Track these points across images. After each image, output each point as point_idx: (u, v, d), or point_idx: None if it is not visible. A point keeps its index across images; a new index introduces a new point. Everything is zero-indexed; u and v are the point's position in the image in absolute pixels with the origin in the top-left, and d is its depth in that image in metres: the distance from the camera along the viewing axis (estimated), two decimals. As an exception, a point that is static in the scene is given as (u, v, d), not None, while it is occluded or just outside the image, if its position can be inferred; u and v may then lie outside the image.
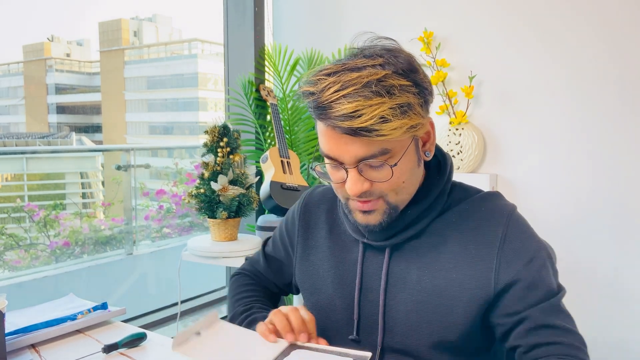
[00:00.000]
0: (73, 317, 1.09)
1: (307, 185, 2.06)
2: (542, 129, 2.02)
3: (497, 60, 2.09)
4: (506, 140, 2.09)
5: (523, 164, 2.06)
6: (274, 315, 0.83)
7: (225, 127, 1.85)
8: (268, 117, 2.39)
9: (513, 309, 0.80)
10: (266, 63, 2.44)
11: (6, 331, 0.94)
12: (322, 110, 0.75)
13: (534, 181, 2.04)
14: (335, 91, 0.74)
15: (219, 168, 1.79)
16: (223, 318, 0.89)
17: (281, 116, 2.29)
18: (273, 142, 2.31)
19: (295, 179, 2.04)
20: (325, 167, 0.84)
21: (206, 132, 1.85)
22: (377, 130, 0.73)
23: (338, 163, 0.79)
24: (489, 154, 2.12)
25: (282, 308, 0.85)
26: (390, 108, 0.73)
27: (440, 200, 0.86)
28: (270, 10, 2.57)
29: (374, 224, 0.83)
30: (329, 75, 0.76)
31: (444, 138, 2.12)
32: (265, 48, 2.46)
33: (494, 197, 0.89)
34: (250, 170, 1.90)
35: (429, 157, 0.85)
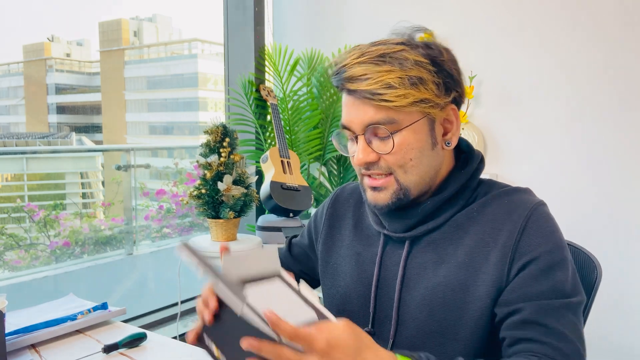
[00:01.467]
0: (73, 317, 1.09)
1: (307, 185, 2.06)
2: (542, 129, 2.02)
3: (497, 61, 2.09)
4: (506, 140, 2.09)
5: (523, 164, 2.06)
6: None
7: (224, 127, 1.85)
8: (268, 117, 2.39)
9: (510, 296, 0.78)
10: (266, 63, 2.44)
11: (6, 331, 0.94)
12: (338, 75, 0.80)
13: (534, 181, 2.04)
14: (353, 59, 0.79)
15: (222, 168, 1.79)
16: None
17: (281, 116, 2.29)
18: (273, 142, 2.31)
19: (296, 179, 2.04)
20: (340, 137, 0.88)
21: (207, 132, 1.84)
22: (381, 94, 0.77)
23: (351, 133, 0.83)
24: (489, 154, 2.12)
25: None
26: (399, 77, 0.77)
27: (463, 194, 0.86)
28: (270, 10, 2.57)
29: (382, 203, 0.84)
30: (354, 49, 0.82)
31: (444, 138, 2.12)
32: (265, 48, 2.46)
33: (520, 191, 0.87)
34: (249, 169, 1.91)
35: (450, 147, 0.85)
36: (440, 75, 0.80)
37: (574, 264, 0.82)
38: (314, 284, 1.07)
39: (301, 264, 1.10)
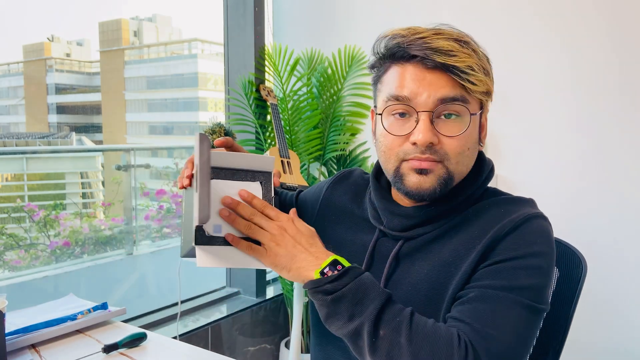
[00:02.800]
0: (73, 317, 1.09)
1: (307, 185, 2.06)
2: (542, 129, 2.02)
3: (497, 60, 2.09)
4: (506, 140, 2.09)
5: (523, 164, 2.06)
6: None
7: (223, 127, 1.86)
8: (268, 117, 2.39)
9: (465, 288, 0.77)
10: (266, 63, 2.44)
11: (6, 331, 0.94)
12: (413, 45, 0.78)
13: (534, 181, 2.04)
14: (430, 34, 0.79)
15: None
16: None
17: (281, 116, 2.29)
18: (273, 142, 2.31)
19: (295, 179, 2.04)
20: (388, 112, 0.81)
21: (209, 131, 1.84)
22: (468, 74, 0.77)
23: (411, 108, 0.79)
24: (489, 154, 2.12)
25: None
26: (476, 64, 0.79)
27: (466, 204, 0.85)
28: (270, 10, 2.57)
29: (426, 188, 0.80)
30: (417, 27, 0.82)
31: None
32: (265, 48, 2.46)
33: (521, 202, 0.84)
34: None
35: (482, 147, 0.87)
36: (491, 75, 0.84)
37: (551, 279, 0.80)
38: None
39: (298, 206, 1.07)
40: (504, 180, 2.09)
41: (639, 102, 1.85)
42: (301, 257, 0.78)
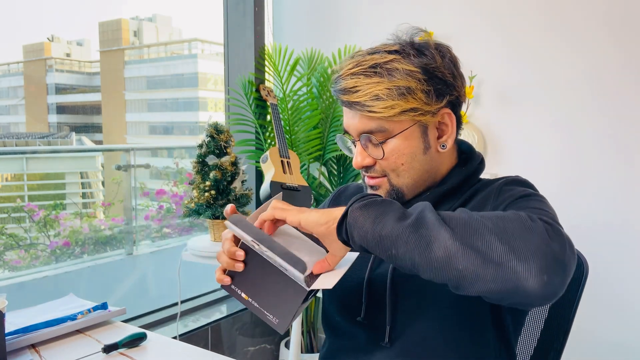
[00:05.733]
0: (73, 317, 1.09)
1: (307, 185, 2.06)
2: (542, 129, 2.02)
3: (497, 60, 2.09)
4: (506, 140, 2.09)
5: (523, 164, 2.06)
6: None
7: (221, 127, 1.86)
8: (268, 117, 2.39)
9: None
10: (266, 63, 2.44)
11: (6, 331, 0.94)
12: (334, 85, 0.86)
13: (534, 181, 2.03)
14: (348, 69, 0.85)
15: (233, 168, 1.82)
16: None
17: (281, 116, 2.29)
18: (273, 142, 2.31)
19: (296, 179, 2.04)
20: (343, 139, 0.95)
21: (214, 131, 1.85)
22: (369, 106, 0.82)
23: (353, 137, 0.89)
24: (489, 154, 2.12)
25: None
26: (387, 88, 0.81)
27: (462, 190, 0.89)
28: (270, 10, 2.57)
29: None
30: (352, 57, 0.87)
31: (444, 138, 2.13)
32: (265, 48, 2.46)
33: (509, 176, 0.91)
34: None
35: (445, 150, 0.89)
36: (430, 83, 0.83)
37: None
38: None
39: None
40: (504, 180, 2.09)
41: (639, 102, 1.85)
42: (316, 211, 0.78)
